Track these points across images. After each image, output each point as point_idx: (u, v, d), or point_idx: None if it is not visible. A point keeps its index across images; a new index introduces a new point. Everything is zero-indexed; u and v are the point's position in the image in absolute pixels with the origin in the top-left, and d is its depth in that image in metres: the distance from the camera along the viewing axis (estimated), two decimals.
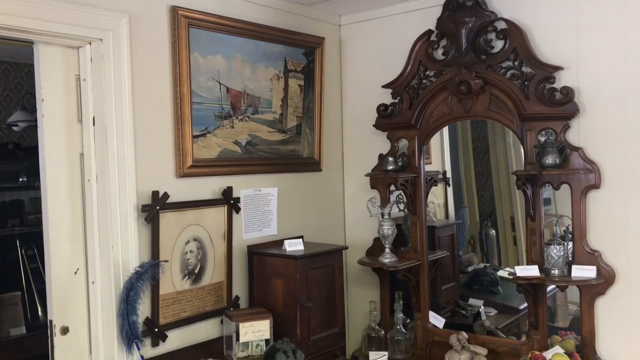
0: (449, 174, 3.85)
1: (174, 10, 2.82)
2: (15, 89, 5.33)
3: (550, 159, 2.88)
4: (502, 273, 3.80)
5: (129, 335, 2.59)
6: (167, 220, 2.79)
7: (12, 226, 5.16)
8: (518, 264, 3.18)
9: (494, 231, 3.83)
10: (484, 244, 3.92)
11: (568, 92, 2.90)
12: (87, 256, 2.67)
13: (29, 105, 4.85)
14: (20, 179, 5.18)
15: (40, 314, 5.18)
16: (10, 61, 5.28)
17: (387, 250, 3.38)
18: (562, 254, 2.91)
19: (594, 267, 2.84)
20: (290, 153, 3.50)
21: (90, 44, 2.61)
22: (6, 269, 5.01)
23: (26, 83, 5.40)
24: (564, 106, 2.91)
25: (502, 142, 3.66)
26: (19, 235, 5.17)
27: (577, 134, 2.95)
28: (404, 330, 3.39)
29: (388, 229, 3.35)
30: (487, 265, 3.86)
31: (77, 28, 2.50)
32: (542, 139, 2.98)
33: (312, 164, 3.64)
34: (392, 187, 3.53)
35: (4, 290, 4.95)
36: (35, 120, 4.58)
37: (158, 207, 2.72)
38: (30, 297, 5.16)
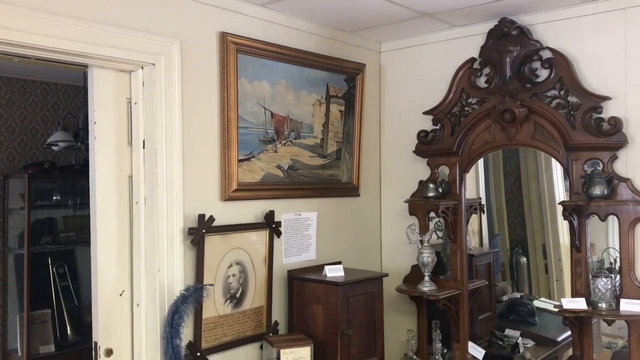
0: (483, 201, 3.82)
1: (224, 36, 2.85)
2: (52, 109, 5.42)
3: (597, 190, 2.84)
4: (537, 303, 3.74)
5: (172, 359, 2.58)
6: (212, 243, 2.79)
7: (45, 244, 5.20)
8: (549, 293, 3.12)
9: (524, 259, 3.78)
10: (515, 272, 3.86)
11: (616, 123, 2.87)
12: (132, 278, 2.68)
13: (69, 126, 4.92)
14: (54, 197, 5.23)
15: (69, 332, 5.21)
16: (49, 81, 5.38)
17: (426, 278, 3.34)
18: (609, 286, 2.85)
19: None
20: (330, 178, 3.50)
21: (142, 68, 2.65)
22: (37, 287, 5.04)
23: (63, 103, 5.49)
24: (612, 136, 2.88)
25: (533, 168, 3.63)
26: (50, 253, 5.23)
27: (625, 164, 2.91)
28: None
29: (428, 257, 3.32)
30: (523, 294, 3.80)
31: (131, 53, 2.54)
32: (589, 169, 2.95)
33: (350, 189, 3.64)
34: (431, 214, 3.50)
35: (35, 308, 4.99)
36: (74, 140, 4.72)
37: (204, 231, 2.73)
38: (60, 315, 5.19)
